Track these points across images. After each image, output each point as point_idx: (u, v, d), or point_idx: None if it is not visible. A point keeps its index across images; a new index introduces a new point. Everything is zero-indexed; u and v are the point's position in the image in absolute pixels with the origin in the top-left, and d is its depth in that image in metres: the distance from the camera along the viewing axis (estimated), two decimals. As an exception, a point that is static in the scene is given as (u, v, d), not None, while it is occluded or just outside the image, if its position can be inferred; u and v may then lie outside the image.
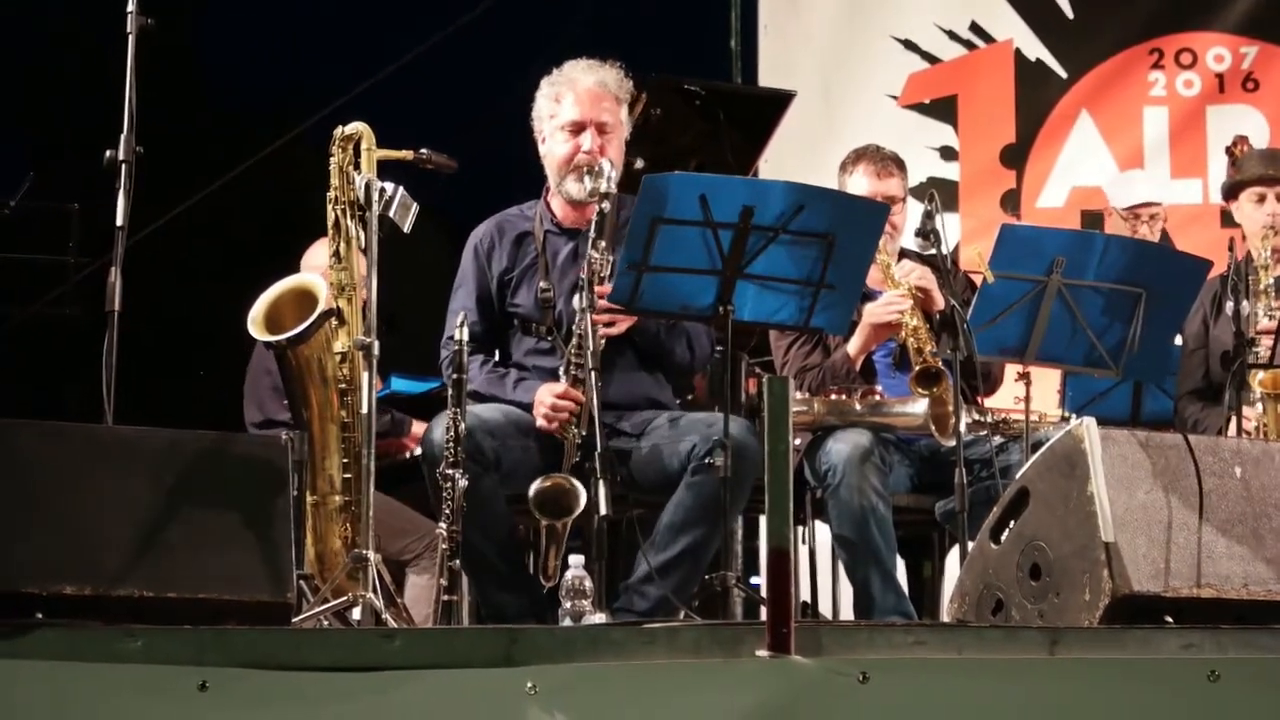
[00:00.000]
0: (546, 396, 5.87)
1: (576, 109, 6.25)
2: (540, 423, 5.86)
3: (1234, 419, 7.06)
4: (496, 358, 6.14)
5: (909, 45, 10.21)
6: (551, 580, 5.71)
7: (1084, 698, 4.25)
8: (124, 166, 5.73)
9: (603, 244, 5.80)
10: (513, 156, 6.39)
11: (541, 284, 6.18)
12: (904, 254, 6.87)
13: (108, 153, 5.73)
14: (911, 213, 7.13)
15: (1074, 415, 5.88)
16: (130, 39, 5.81)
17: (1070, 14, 10.23)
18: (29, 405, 5.12)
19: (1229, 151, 8.28)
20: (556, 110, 6.28)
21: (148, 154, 5.79)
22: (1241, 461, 5.17)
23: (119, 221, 5.76)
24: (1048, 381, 7.23)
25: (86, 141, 5.89)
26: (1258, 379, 6.98)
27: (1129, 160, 10.05)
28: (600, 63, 6.33)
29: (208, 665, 4.23)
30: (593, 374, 5.75)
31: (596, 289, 5.83)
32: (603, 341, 5.83)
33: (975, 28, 10.26)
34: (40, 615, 4.36)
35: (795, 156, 7.84)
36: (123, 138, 5.73)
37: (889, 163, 7.40)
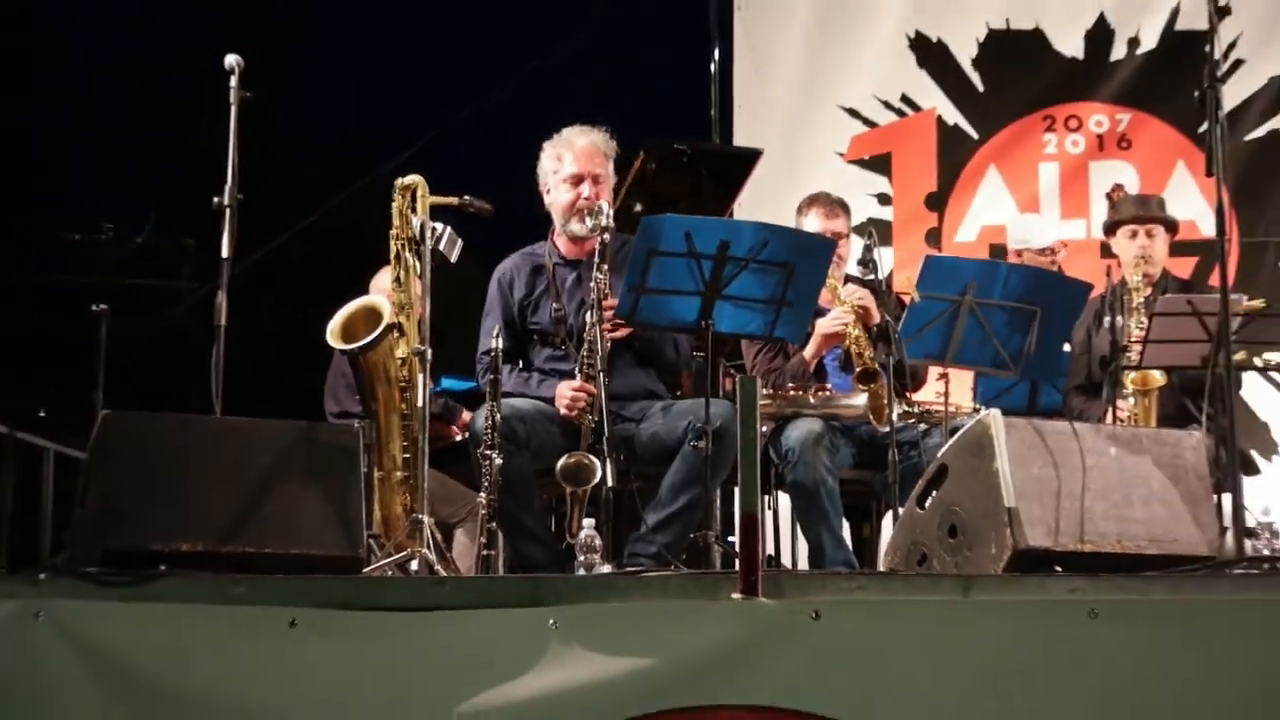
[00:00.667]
0: (566, 390, 5.90)
1: (575, 165, 6.28)
2: (562, 410, 5.87)
3: (1110, 410, 7.11)
4: (520, 365, 6.15)
5: (852, 113, 10.20)
6: (574, 537, 5.72)
7: (991, 631, 4.25)
8: (228, 210, 5.75)
9: (605, 268, 5.82)
10: (527, 204, 6.39)
11: (555, 305, 6.22)
12: (849, 279, 6.87)
13: (215, 199, 5.75)
14: (854, 246, 7.15)
15: (983, 407, 5.88)
16: (233, 108, 5.81)
17: (981, 88, 10.23)
18: (154, 402, 5.10)
19: (1108, 197, 8.32)
20: (559, 166, 6.31)
21: (247, 198, 5.80)
22: (1116, 444, 5.18)
23: (224, 253, 5.77)
24: (962, 380, 7.24)
25: (199, 189, 5.86)
26: (1129, 378, 7.03)
27: (1027, 204, 10.06)
28: (591, 128, 6.36)
29: (295, 606, 4.24)
30: (600, 373, 5.78)
31: (604, 303, 5.85)
32: (608, 345, 5.85)
33: (905, 99, 10.25)
34: (163, 567, 4.37)
35: (762, 201, 7.83)
36: (227, 187, 5.74)
37: (836, 206, 7.40)
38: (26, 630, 4.18)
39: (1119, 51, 10.26)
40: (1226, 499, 5.79)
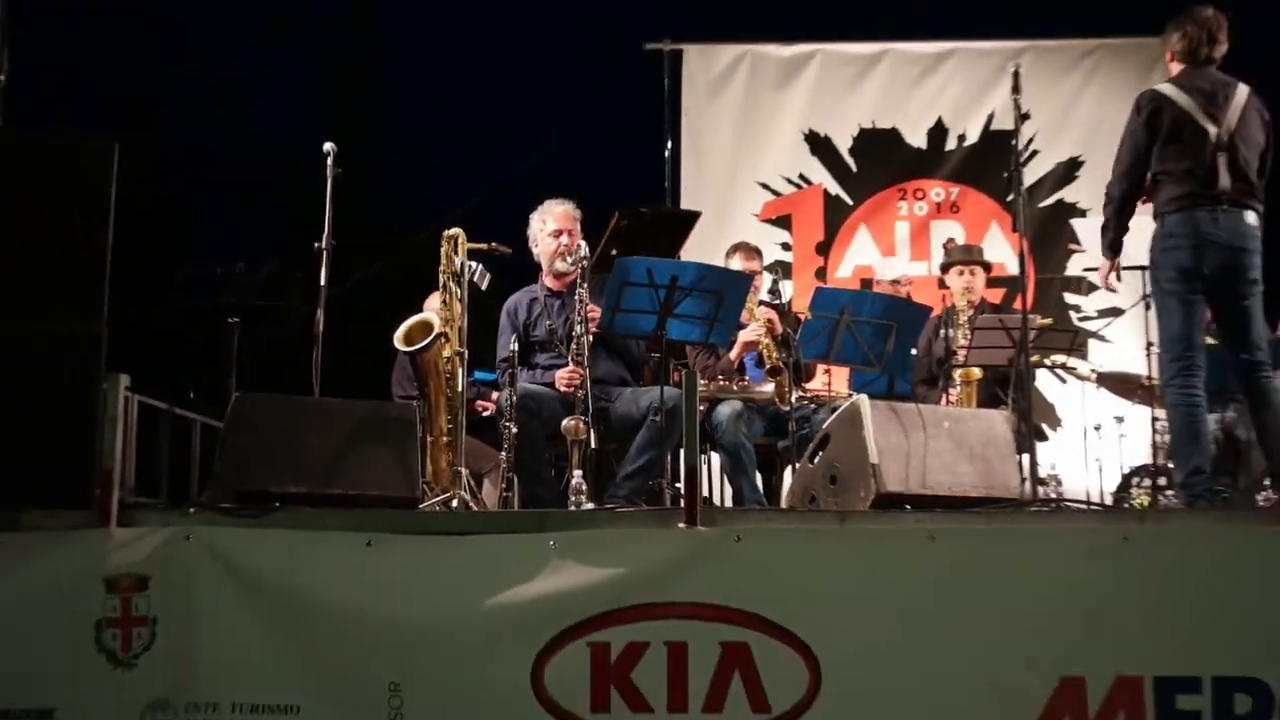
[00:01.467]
0: (562, 373, 5.88)
1: (555, 223, 6.27)
2: (561, 387, 5.86)
3: (944, 395, 7.15)
4: (527, 366, 6.14)
5: (764, 186, 10.18)
6: (569, 480, 5.73)
7: (860, 549, 4.30)
8: (325, 252, 5.74)
9: (586, 286, 5.82)
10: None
11: (548, 323, 6.21)
12: (762, 302, 6.87)
13: (316, 244, 5.75)
14: (765, 280, 7.14)
15: (855, 393, 5.88)
16: (329, 180, 5.81)
17: (854, 169, 10.22)
18: (271, 387, 5.12)
19: (944, 246, 8.34)
20: (544, 226, 6.31)
21: (338, 243, 5.81)
22: (948, 419, 5.20)
23: (322, 283, 5.77)
24: (841, 374, 7.25)
25: (305, 237, 5.85)
26: (957, 374, 7.07)
27: (887, 251, 10.05)
28: (564, 199, 6.37)
29: (371, 531, 4.25)
30: (586, 365, 5.79)
31: (588, 312, 5.86)
32: (591, 341, 5.87)
33: (801, 176, 10.22)
34: (277, 504, 4.36)
35: (700, 247, 7.81)
36: (324, 235, 5.74)
37: (752, 251, 7.39)
38: (180, 548, 4.19)
39: (951, 144, 10.26)
40: (1025, 458, 5.82)
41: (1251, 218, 5.47)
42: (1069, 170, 10.18)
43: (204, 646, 4.13)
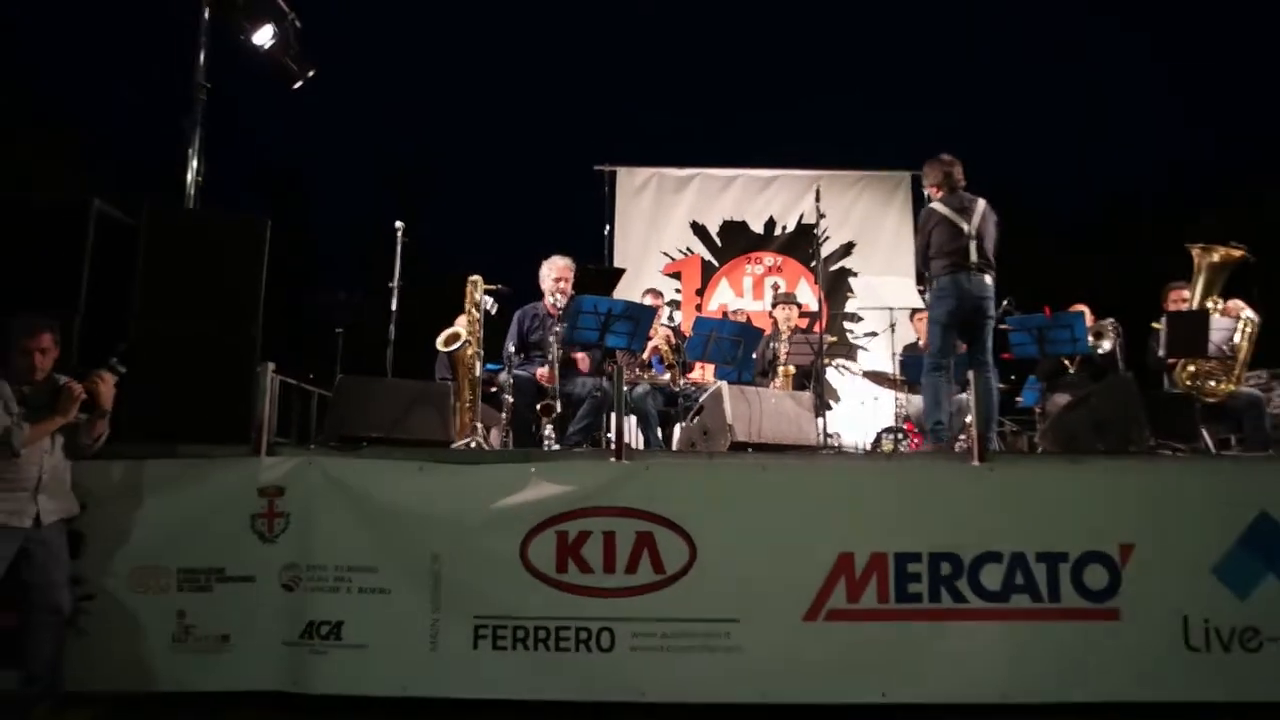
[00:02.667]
0: (543, 371, 5.77)
1: (555, 272, 6.14)
2: (541, 379, 5.79)
3: (772, 383, 7.16)
4: (524, 356, 6.05)
5: (665, 254, 10.15)
6: (541, 433, 5.70)
7: (720, 476, 4.29)
8: (397, 288, 5.71)
9: (563, 323, 5.77)
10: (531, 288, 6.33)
11: (542, 333, 6.08)
12: (664, 324, 6.89)
13: (390, 283, 5.71)
14: (666, 311, 7.15)
15: (719, 380, 5.90)
16: (399, 246, 5.77)
17: (720, 244, 10.26)
18: (362, 371, 5.09)
19: (775, 290, 8.39)
20: (549, 272, 6.16)
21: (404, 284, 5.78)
22: (774, 396, 5.24)
23: (393, 307, 5.75)
24: (710, 369, 7.23)
25: (386, 277, 5.82)
26: (780, 370, 7.08)
27: (739, 295, 10.09)
28: (564, 256, 6.26)
29: (422, 461, 4.23)
30: (556, 362, 5.76)
31: (557, 332, 5.83)
32: (560, 353, 5.82)
33: (688, 248, 10.21)
34: (364, 443, 4.33)
35: (626, 291, 7.77)
36: (396, 277, 5.69)
37: (658, 293, 7.41)
38: (305, 469, 4.16)
39: (778, 231, 10.27)
40: (820, 421, 5.88)
41: (989, 279, 5.62)
42: (847, 249, 10.25)
43: (319, 530, 4.11)
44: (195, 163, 5.03)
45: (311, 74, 5.80)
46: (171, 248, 4.39)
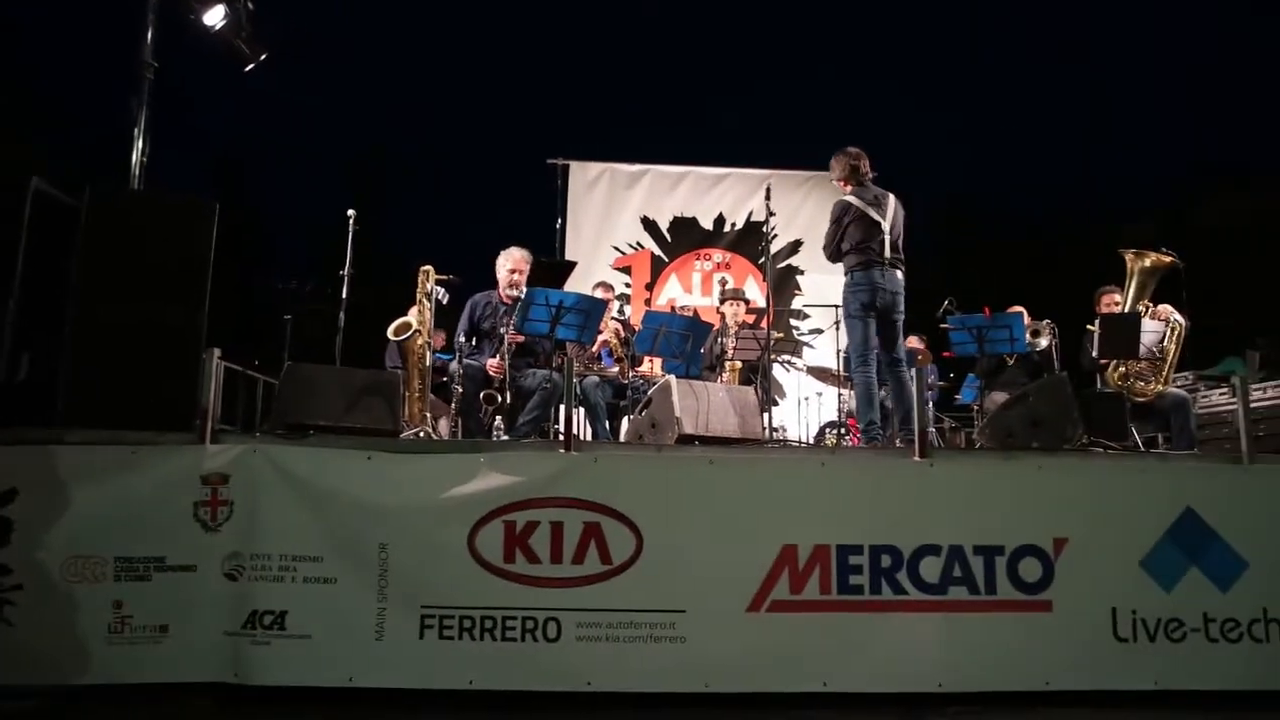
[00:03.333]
0: (493, 363, 5.75)
1: (511, 263, 6.11)
2: (491, 371, 5.75)
3: (719, 377, 7.18)
4: (475, 344, 5.98)
5: (616, 248, 10.14)
6: (490, 423, 5.65)
7: (667, 468, 4.28)
8: (347, 276, 5.59)
9: (516, 315, 5.71)
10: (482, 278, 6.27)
11: (494, 321, 6.04)
12: (614, 318, 6.88)
13: (341, 271, 5.59)
14: (616, 304, 7.13)
15: (668, 374, 5.90)
16: (350, 233, 5.65)
17: (669, 240, 10.25)
18: (309, 358, 4.95)
19: (722, 285, 8.42)
20: (504, 263, 6.13)
21: (357, 271, 5.66)
22: (722, 390, 5.24)
23: (344, 294, 5.64)
24: (658, 362, 7.24)
25: (336, 266, 5.72)
26: (728, 364, 7.11)
27: (688, 290, 10.10)
28: (521, 248, 6.21)
29: (371, 450, 4.15)
30: (508, 353, 5.71)
31: (511, 324, 5.78)
32: (511, 346, 5.78)
33: (638, 243, 10.18)
34: (311, 432, 4.23)
35: (577, 284, 7.73)
36: (346, 265, 5.57)
37: (609, 286, 7.39)
38: (250, 457, 4.06)
39: (728, 228, 10.32)
40: (766, 415, 5.91)
41: (900, 275, 5.66)
42: (794, 247, 10.31)
43: (263, 519, 4.01)
44: (141, 143, 4.86)
45: (264, 57, 5.64)
46: (114, 229, 4.24)
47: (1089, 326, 6.12)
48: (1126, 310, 6.01)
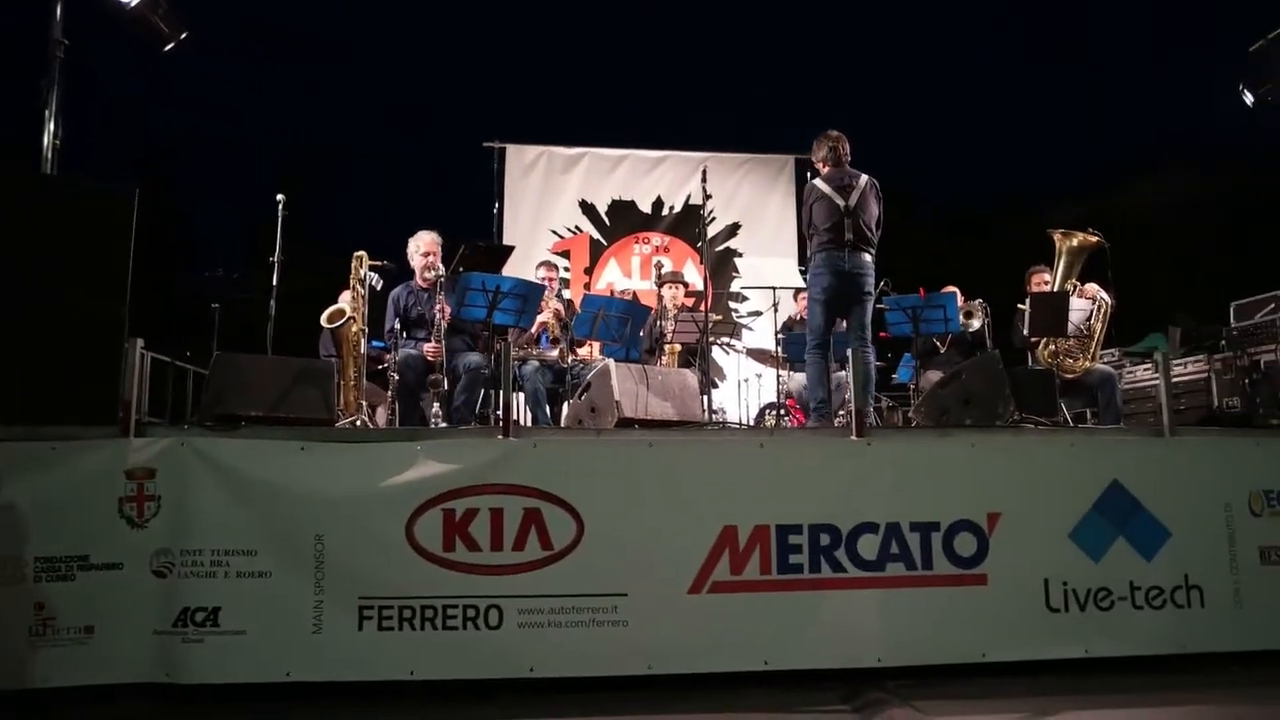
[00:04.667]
0: (429, 347, 5.70)
1: (425, 247, 6.08)
2: (428, 356, 5.68)
3: (659, 361, 7.17)
4: (405, 336, 5.91)
5: (554, 232, 10.05)
6: (429, 409, 5.58)
7: (607, 452, 4.26)
8: (278, 263, 5.45)
9: (441, 293, 5.65)
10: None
11: (419, 310, 5.99)
12: (557, 301, 6.82)
13: (271, 258, 5.44)
14: (557, 287, 7.06)
15: (607, 358, 5.87)
16: (279, 218, 5.49)
17: (608, 223, 10.20)
18: (240, 348, 4.80)
19: (657, 269, 8.38)
20: (418, 248, 6.09)
21: (287, 258, 5.53)
22: (661, 374, 5.23)
23: (274, 282, 5.51)
24: (597, 346, 7.20)
25: (265, 253, 5.59)
26: (666, 348, 7.09)
27: (626, 275, 10.07)
28: (430, 230, 6.17)
29: (304, 440, 4.06)
30: (443, 339, 5.65)
31: (443, 308, 5.70)
32: (445, 326, 5.71)
33: (576, 227, 10.12)
34: (242, 423, 4.12)
35: (514, 269, 7.64)
36: (276, 252, 5.42)
37: (552, 265, 7.32)
38: (178, 450, 3.96)
39: (666, 211, 10.30)
40: (705, 398, 5.92)
41: (867, 257, 5.72)
42: (733, 230, 10.36)
43: (193, 514, 3.91)
44: (52, 125, 4.66)
45: (184, 36, 5.44)
46: (24, 215, 4.05)
47: (1019, 305, 6.24)
48: (1055, 289, 6.14)
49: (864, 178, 5.85)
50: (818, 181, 5.88)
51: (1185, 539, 4.37)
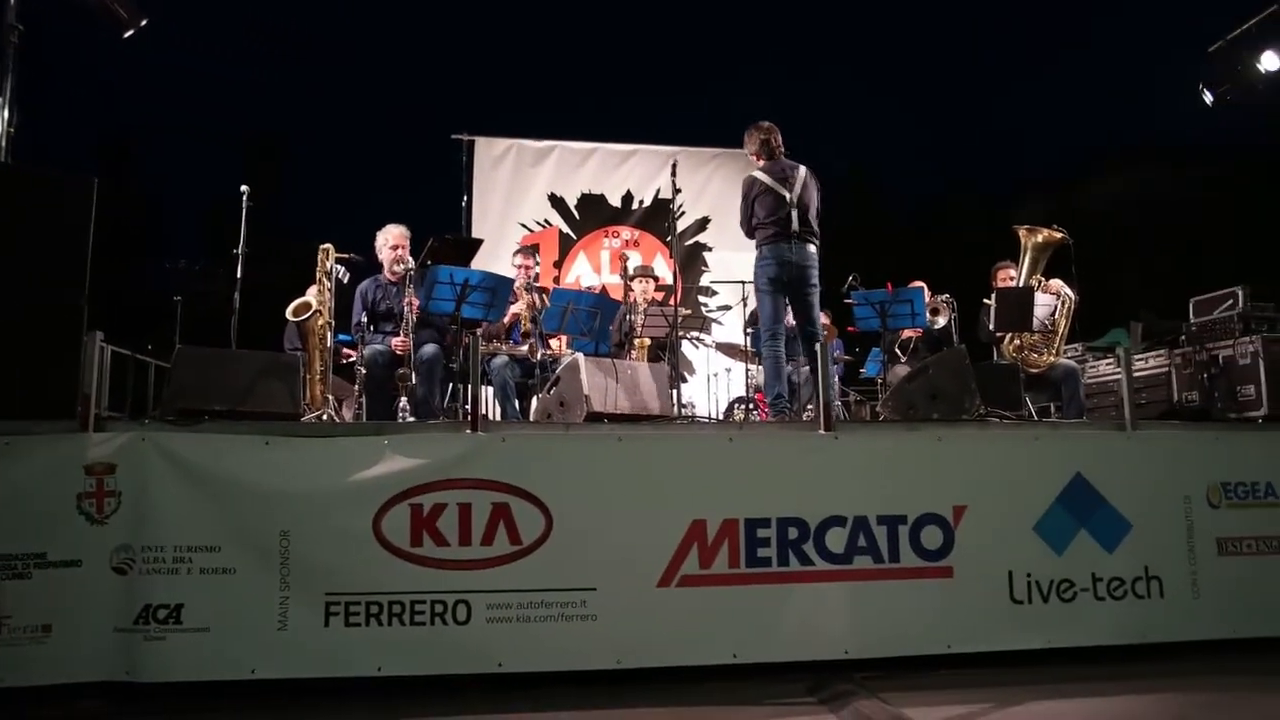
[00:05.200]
0: (397, 341, 5.67)
1: (393, 240, 6.04)
2: (396, 350, 5.64)
3: (628, 355, 7.14)
4: (372, 330, 5.86)
5: (523, 225, 10.00)
6: (398, 404, 5.53)
7: (577, 446, 4.24)
8: (241, 255, 5.36)
9: (410, 286, 5.61)
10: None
11: (387, 304, 5.95)
12: (536, 287, 6.77)
13: (234, 250, 5.35)
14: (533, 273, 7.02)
15: (576, 352, 5.85)
16: (244, 209, 5.40)
17: (578, 217, 10.16)
18: (203, 341, 4.71)
19: (621, 261, 8.37)
20: (387, 241, 6.05)
21: (251, 250, 5.45)
22: (631, 368, 5.22)
23: (238, 275, 5.43)
24: (565, 339, 7.16)
25: (229, 244, 5.50)
26: (636, 342, 7.07)
27: (596, 269, 10.04)
28: (398, 225, 6.12)
29: (269, 435, 4.01)
30: (411, 333, 5.59)
31: (411, 301, 5.64)
32: (415, 319, 5.66)
33: (545, 220, 10.07)
34: (206, 417, 4.05)
35: (482, 262, 7.58)
36: (241, 244, 5.33)
37: (529, 253, 7.26)
38: (139, 446, 3.89)
39: (635, 205, 10.29)
40: (674, 392, 5.91)
41: (812, 248, 5.73)
42: (702, 224, 10.36)
43: (154, 510, 3.84)
44: (7, 113, 4.54)
45: (144, 23, 5.33)
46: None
47: (985, 301, 6.30)
48: (1020, 285, 6.20)
49: (802, 169, 5.87)
50: (758, 174, 5.87)
51: (1146, 531, 4.44)
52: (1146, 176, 17.53)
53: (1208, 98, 7.79)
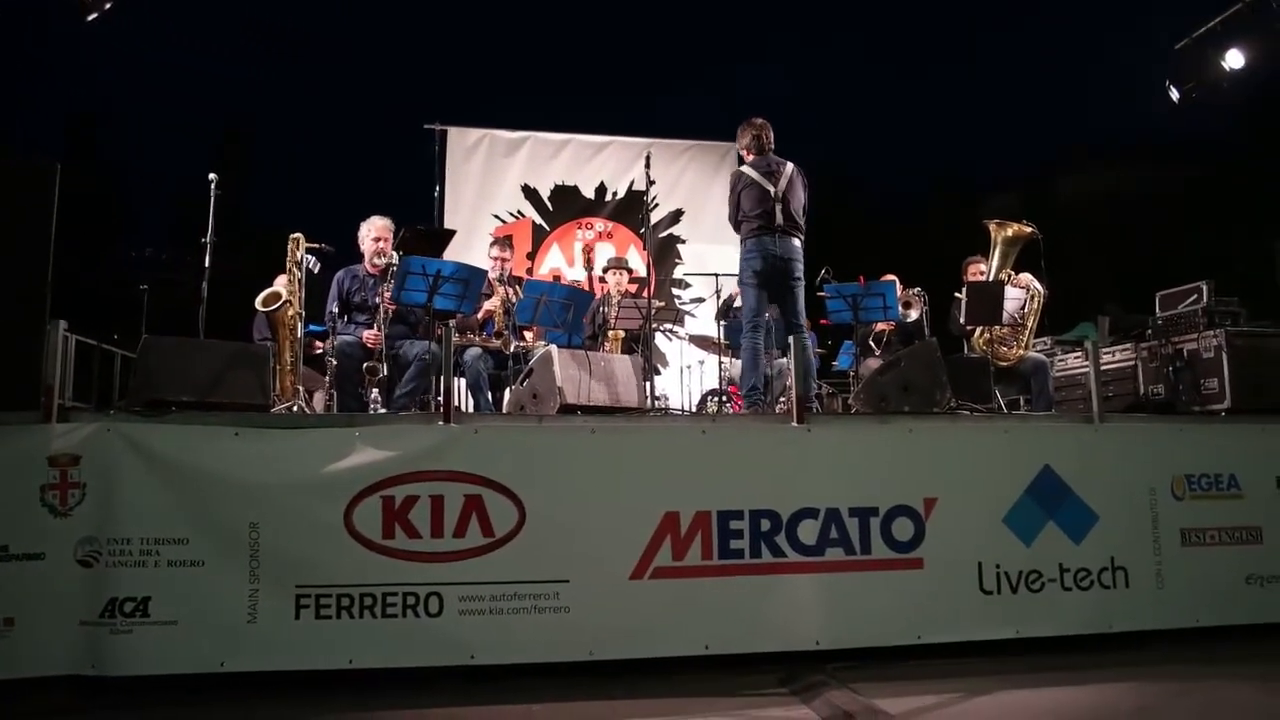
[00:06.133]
0: (369, 334, 5.61)
1: (375, 232, 5.96)
2: (368, 343, 5.58)
3: (601, 347, 7.13)
4: (346, 320, 5.81)
5: (496, 216, 9.91)
6: (367, 395, 5.48)
7: (549, 438, 4.23)
8: (209, 244, 5.29)
9: (388, 281, 5.56)
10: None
11: (364, 295, 5.89)
12: (511, 278, 6.72)
13: (202, 239, 5.27)
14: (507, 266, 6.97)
15: (549, 344, 5.81)
16: (212, 197, 5.32)
17: (551, 209, 10.11)
18: (170, 330, 4.63)
19: (586, 253, 8.35)
20: (369, 232, 5.97)
21: (220, 238, 5.37)
22: (604, 360, 5.21)
23: (207, 264, 5.35)
24: (540, 330, 7.11)
25: (197, 233, 5.41)
26: (609, 334, 7.06)
27: (570, 262, 9.97)
28: (382, 216, 6.05)
29: (238, 426, 3.97)
30: (384, 329, 5.55)
31: (385, 295, 5.59)
32: (389, 312, 5.62)
33: (519, 211, 10.00)
34: (173, 408, 4.00)
35: (455, 252, 7.53)
36: (209, 233, 5.25)
37: (505, 244, 7.19)
38: (104, 437, 3.85)
39: (609, 196, 10.23)
40: (647, 384, 5.91)
41: (797, 242, 5.75)
42: (676, 216, 10.34)
43: (121, 501, 3.80)
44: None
45: (108, 6, 5.24)
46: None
47: (956, 294, 6.34)
48: (990, 279, 6.25)
49: (789, 165, 5.89)
50: (745, 168, 5.91)
51: (1112, 522, 4.51)
52: (1115, 173, 17.74)
53: (1174, 94, 7.89)
